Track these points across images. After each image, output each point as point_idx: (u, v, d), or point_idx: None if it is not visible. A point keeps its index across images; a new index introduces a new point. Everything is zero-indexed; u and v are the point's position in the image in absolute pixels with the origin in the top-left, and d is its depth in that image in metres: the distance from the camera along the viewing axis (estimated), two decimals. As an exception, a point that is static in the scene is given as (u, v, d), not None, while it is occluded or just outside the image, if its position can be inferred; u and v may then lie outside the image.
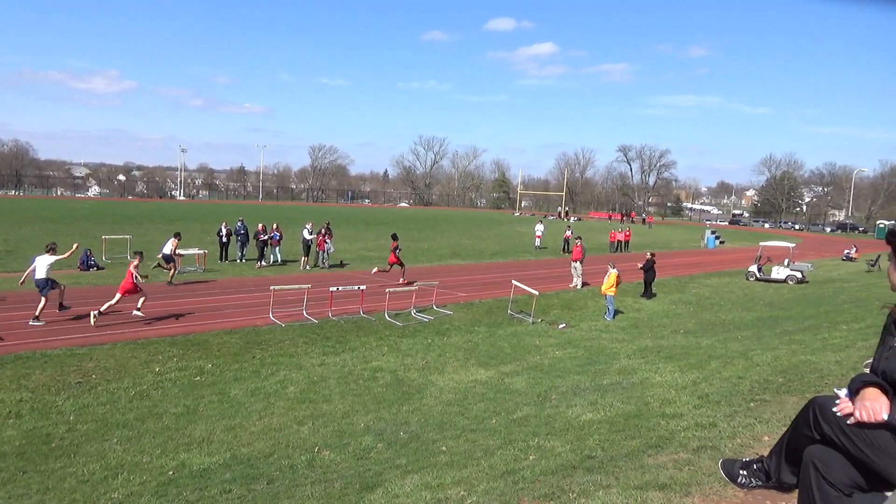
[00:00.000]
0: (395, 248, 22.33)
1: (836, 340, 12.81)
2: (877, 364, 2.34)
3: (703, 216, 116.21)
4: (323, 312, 16.36)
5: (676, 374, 10.72)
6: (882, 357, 2.31)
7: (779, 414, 6.85)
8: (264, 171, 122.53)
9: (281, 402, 10.52)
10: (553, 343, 15.17)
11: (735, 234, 69.75)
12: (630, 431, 7.10)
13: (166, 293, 18.68)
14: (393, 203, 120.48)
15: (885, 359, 2.28)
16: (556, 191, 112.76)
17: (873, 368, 2.36)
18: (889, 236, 2.31)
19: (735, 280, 28.38)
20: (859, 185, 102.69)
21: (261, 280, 21.64)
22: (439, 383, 11.72)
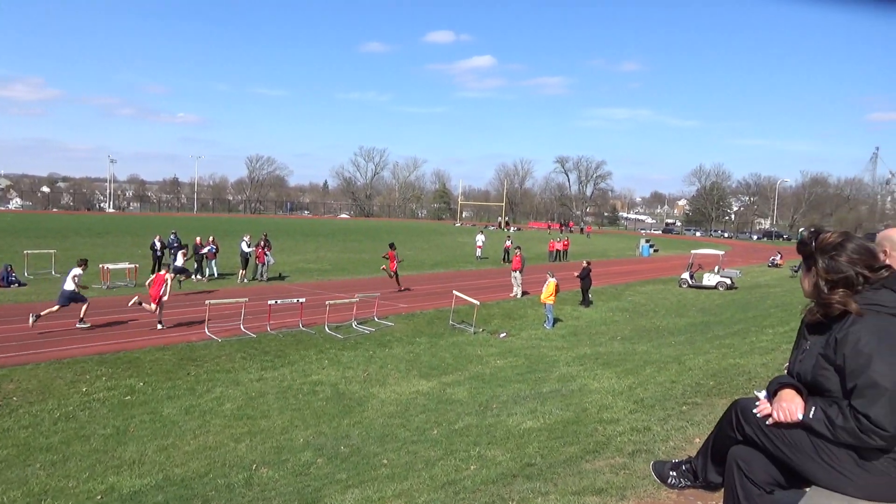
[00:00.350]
0: (393, 256, 23.90)
1: (762, 344, 13.35)
2: (792, 366, 2.45)
3: (638, 225, 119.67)
4: (261, 326, 16.02)
5: (613, 380, 10.95)
6: (796, 360, 2.43)
7: (709, 416, 7.08)
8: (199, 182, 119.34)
9: (217, 419, 10.23)
10: (494, 352, 15.29)
11: (668, 242, 72.04)
12: (568, 438, 7.21)
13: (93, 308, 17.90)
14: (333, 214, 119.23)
15: (800, 361, 2.39)
16: (496, 201, 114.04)
17: (789, 371, 2.47)
18: (799, 246, 2.43)
19: (669, 287, 29.28)
20: (783, 194, 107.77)
21: (196, 294, 21.03)
22: (381, 395, 11.64)
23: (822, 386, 2.27)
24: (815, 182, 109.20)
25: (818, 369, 2.27)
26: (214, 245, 25.53)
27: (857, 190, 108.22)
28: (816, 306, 2.34)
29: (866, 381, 2.10)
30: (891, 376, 2.08)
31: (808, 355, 2.35)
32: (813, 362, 2.30)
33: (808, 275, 2.37)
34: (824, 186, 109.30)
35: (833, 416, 2.16)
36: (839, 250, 2.28)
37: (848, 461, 2.19)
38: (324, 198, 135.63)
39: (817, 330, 2.35)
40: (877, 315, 2.20)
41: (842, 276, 2.26)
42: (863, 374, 2.11)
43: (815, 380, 2.29)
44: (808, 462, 2.24)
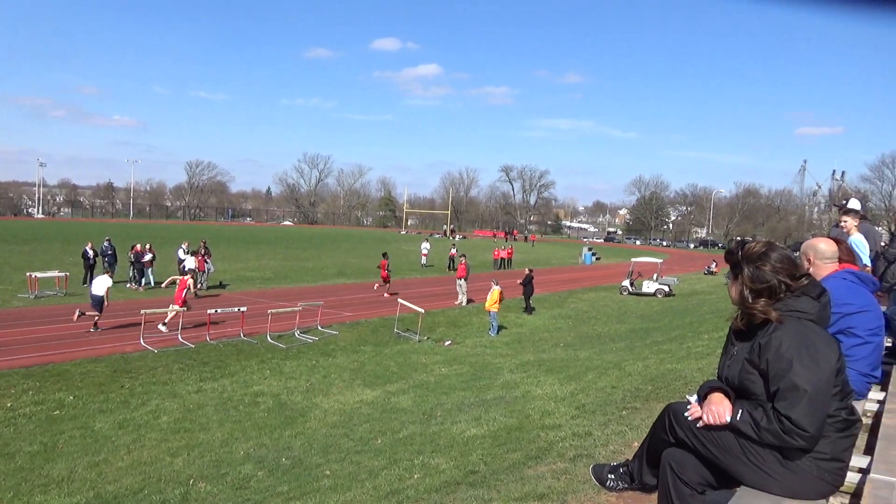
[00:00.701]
0: (385, 265, 25.58)
1: (698, 349, 13.78)
2: (721, 371, 2.55)
3: (581, 234, 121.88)
4: (200, 336, 15.60)
5: (556, 387, 11.11)
6: (725, 365, 2.52)
7: (647, 420, 7.26)
8: (136, 187, 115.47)
9: (152, 433, 9.89)
10: (439, 360, 15.30)
11: (610, 250, 73.67)
12: (512, 444, 7.27)
13: (19, 319, 17.09)
14: (276, 221, 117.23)
15: (728, 366, 2.49)
16: (441, 209, 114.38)
17: (718, 375, 2.57)
18: (727, 255, 2.53)
19: (610, 294, 29.93)
20: (718, 204, 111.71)
21: (131, 303, 20.31)
22: (324, 405, 11.49)
23: (748, 389, 2.36)
24: (747, 193, 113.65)
25: (744, 374, 2.37)
26: (151, 253, 24.72)
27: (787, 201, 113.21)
28: (741, 314, 2.44)
29: (787, 385, 2.20)
30: (810, 379, 2.18)
31: (735, 360, 2.45)
32: (739, 367, 2.40)
33: (735, 283, 2.47)
34: (756, 197, 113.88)
35: (758, 418, 2.25)
36: (763, 260, 2.39)
37: (773, 461, 2.28)
38: (266, 205, 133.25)
39: (743, 336, 2.45)
40: (797, 321, 2.31)
41: (765, 286, 2.36)
42: (784, 377, 2.22)
43: (741, 384, 2.39)
44: (737, 463, 2.33)
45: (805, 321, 2.31)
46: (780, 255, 2.41)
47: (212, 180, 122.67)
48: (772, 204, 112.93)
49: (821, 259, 3.58)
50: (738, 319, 2.45)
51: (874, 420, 4.02)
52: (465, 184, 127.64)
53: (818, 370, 2.21)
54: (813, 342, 2.26)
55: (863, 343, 3.41)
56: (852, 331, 3.38)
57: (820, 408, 2.20)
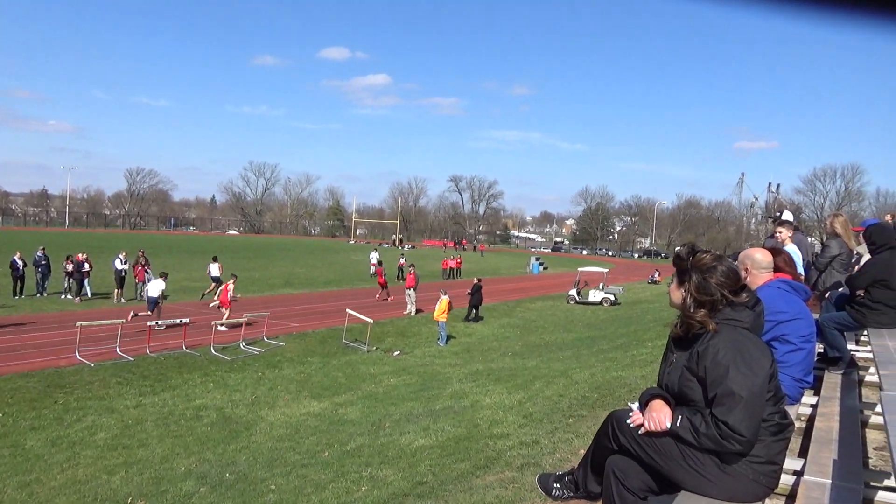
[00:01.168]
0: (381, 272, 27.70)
1: (642, 356, 14.08)
2: (661, 378, 2.61)
3: (529, 244, 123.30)
4: (140, 349, 15.08)
5: (504, 396, 11.17)
6: (665, 372, 2.59)
7: (593, 428, 7.36)
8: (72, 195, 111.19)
9: (88, 450, 9.51)
10: (388, 371, 15.20)
11: (557, 260, 74.72)
12: (460, 454, 7.27)
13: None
14: (221, 231, 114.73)
15: (668, 373, 2.56)
16: (390, 219, 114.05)
17: (659, 382, 2.63)
18: (676, 260, 2.60)
19: (557, 304, 30.34)
20: (661, 215, 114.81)
21: (65, 316, 19.51)
22: (270, 418, 11.26)
23: (687, 396, 2.43)
24: (689, 204, 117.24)
25: (683, 381, 2.44)
26: (88, 263, 23.80)
27: (726, 212, 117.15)
28: (680, 321, 2.50)
29: (724, 391, 2.27)
30: (745, 385, 2.26)
31: (674, 368, 2.51)
32: (679, 374, 2.46)
33: (680, 288, 2.52)
34: (697, 208, 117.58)
35: (697, 424, 2.31)
36: (711, 272, 2.46)
37: (711, 466, 2.35)
38: (211, 213, 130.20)
39: (682, 344, 2.52)
40: (733, 329, 2.39)
41: (709, 298, 2.43)
42: (721, 384, 2.29)
43: (681, 390, 2.45)
44: (677, 468, 2.39)
45: (740, 329, 2.40)
46: (727, 269, 2.48)
47: (153, 188, 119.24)
48: (712, 215, 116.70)
49: (757, 268, 3.72)
50: (678, 326, 2.51)
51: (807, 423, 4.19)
52: (414, 194, 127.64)
53: (753, 376, 2.29)
54: (748, 349, 2.34)
55: (796, 349, 3.54)
56: (786, 338, 3.51)
57: (755, 413, 2.27)
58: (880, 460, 3.74)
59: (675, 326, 2.53)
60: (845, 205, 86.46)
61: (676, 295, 2.54)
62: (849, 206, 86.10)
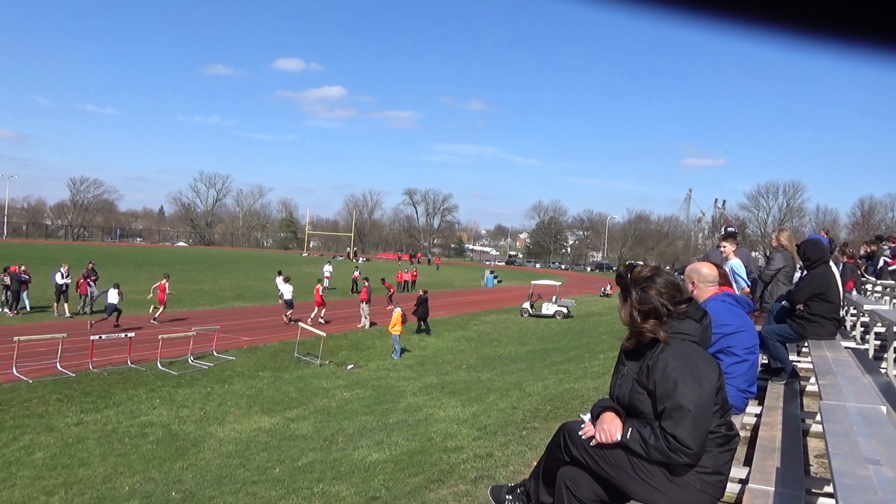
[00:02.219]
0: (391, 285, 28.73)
1: (595, 368, 14.28)
2: (613, 390, 2.66)
3: (483, 257, 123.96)
4: (82, 364, 14.54)
5: (458, 409, 11.17)
6: (616, 384, 2.64)
7: (546, 440, 7.39)
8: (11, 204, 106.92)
9: (25, 470, 9.11)
10: (341, 384, 15.03)
11: (511, 273, 75.34)
12: (414, 468, 7.22)
13: None
14: (170, 242, 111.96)
15: (619, 385, 2.60)
16: (344, 231, 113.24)
17: (610, 394, 2.67)
18: (617, 279, 2.66)
19: (511, 316, 30.55)
20: (612, 229, 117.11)
21: (1, 330, 18.68)
22: (219, 434, 10.99)
23: (637, 409, 2.47)
24: (639, 219, 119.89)
25: (634, 393, 2.48)
26: (26, 275, 22.87)
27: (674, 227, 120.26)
28: (630, 334, 2.55)
29: (673, 404, 2.33)
30: (693, 399, 2.32)
31: (625, 380, 2.56)
32: (629, 387, 2.51)
33: (625, 305, 2.59)
34: (647, 223, 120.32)
35: (646, 436, 2.36)
36: (649, 283, 2.52)
37: (660, 477, 2.39)
38: (159, 224, 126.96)
39: (633, 356, 2.57)
40: (681, 343, 2.45)
41: (651, 307, 2.49)
42: (670, 397, 2.34)
43: (631, 403, 2.50)
44: (627, 479, 2.42)
45: (688, 342, 2.46)
46: (665, 280, 2.55)
47: (98, 198, 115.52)
48: (661, 229, 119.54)
49: (703, 282, 3.82)
50: (628, 339, 2.56)
51: (752, 433, 4.31)
52: (368, 206, 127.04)
53: (701, 390, 2.35)
54: (696, 363, 2.40)
55: (740, 361, 3.65)
56: (731, 349, 3.61)
57: (702, 426, 2.33)
58: (821, 467, 3.87)
59: (626, 339, 2.58)
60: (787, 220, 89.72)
61: (623, 312, 2.60)
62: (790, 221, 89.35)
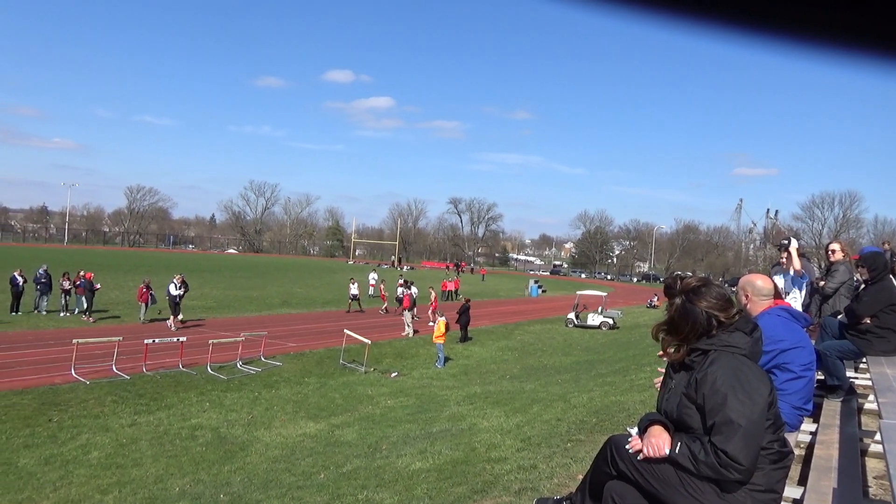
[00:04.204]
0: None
1: (641, 381, 14.02)
2: (660, 403, 2.61)
3: (528, 267, 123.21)
4: (136, 367, 15.00)
5: (502, 419, 11.10)
6: (664, 398, 2.59)
7: (592, 453, 7.31)
8: (72, 212, 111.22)
9: (82, 469, 9.42)
10: (385, 392, 15.12)
11: (555, 283, 74.68)
12: (457, 478, 7.20)
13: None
14: (220, 249, 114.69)
15: (666, 399, 2.56)
16: (389, 240, 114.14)
17: (658, 407, 2.63)
18: (666, 290, 2.62)
19: (556, 327, 30.26)
20: (659, 240, 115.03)
21: (62, 332, 19.42)
22: (266, 439, 11.18)
23: (686, 423, 2.42)
24: (687, 229, 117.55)
25: (682, 407, 2.44)
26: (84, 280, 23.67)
27: (725, 237, 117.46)
28: (678, 346, 2.50)
29: (723, 419, 2.27)
30: (744, 414, 2.26)
31: (673, 394, 2.51)
32: (677, 400, 2.46)
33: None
34: (696, 233, 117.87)
35: (696, 451, 2.31)
36: (699, 295, 2.47)
37: (710, 493, 2.34)
38: (210, 232, 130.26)
39: (681, 369, 2.52)
40: (731, 356, 2.39)
41: (701, 320, 2.44)
42: (720, 412, 2.29)
43: (679, 417, 2.45)
44: (676, 495, 2.38)
45: (738, 356, 2.40)
46: (715, 292, 2.50)
47: (153, 206, 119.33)
48: (710, 240, 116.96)
49: (757, 295, 3.71)
50: (676, 352, 2.52)
51: (807, 451, 4.17)
52: (413, 215, 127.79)
53: (752, 404, 2.28)
54: (746, 377, 2.34)
55: (796, 378, 3.54)
56: (786, 366, 3.50)
57: (754, 441, 2.27)
58: (880, 489, 3.72)
59: (673, 351, 2.54)
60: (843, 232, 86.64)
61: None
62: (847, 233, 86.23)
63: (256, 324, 23.38)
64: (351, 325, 21.97)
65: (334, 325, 24.31)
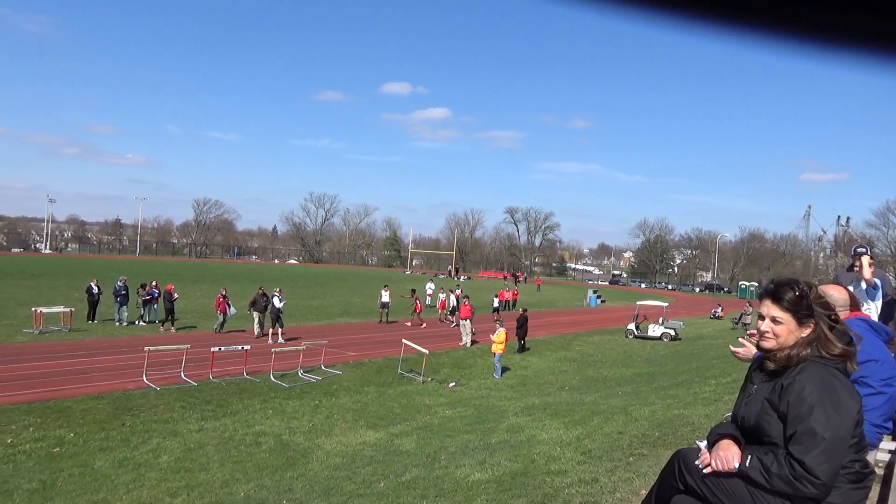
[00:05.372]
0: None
1: (705, 394, 13.61)
2: (737, 409, 2.51)
3: (586, 276, 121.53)
4: (203, 374, 15.51)
5: (562, 431, 10.96)
6: (742, 403, 2.49)
7: (655, 467, 7.14)
8: (143, 224, 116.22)
9: (152, 472, 9.77)
10: (443, 402, 15.15)
11: (614, 293, 73.39)
12: (517, 490, 7.14)
13: (23, 354, 17.06)
14: (282, 260, 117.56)
15: (745, 404, 2.45)
16: (446, 250, 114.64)
17: (734, 413, 2.53)
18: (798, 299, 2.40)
19: (615, 338, 29.72)
20: (722, 249, 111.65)
21: (135, 340, 20.26)
22: (326, 446, 11.34)
23: (764, 430, 2.31)
24: (752, 237, 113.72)
25: (763, 413, 2.33)
26: (157, 290, 24.64)
27: (792, 246, 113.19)
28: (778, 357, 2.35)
29: (806, 429, 2.16)
30: (829, 427, 2.14)
31: (753, 399, 2.41)
32: (758, 407, 2.35)
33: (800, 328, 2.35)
34: (761, 242, 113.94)
35: (769, 463, 2.21)
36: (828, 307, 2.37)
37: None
38: (272, 243, 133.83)
39: (766, 375, 2.40)
40: (823, 367, 2.27)
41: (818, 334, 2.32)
42: (803, 421, 2.18)
43: (758, 423, 2.34)
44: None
45: (831, 368, 2.28)
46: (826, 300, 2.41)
47: (218, 218, 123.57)
48: (777, 249, 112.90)
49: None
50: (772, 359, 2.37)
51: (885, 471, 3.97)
52: (469, 225, 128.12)
53: (839, 419, 2.17)
54: (836, 390, 2.22)
55: (875, 393, 3.37)
56: (865, 380, 3.34)
57: (835, 457, 2.16)
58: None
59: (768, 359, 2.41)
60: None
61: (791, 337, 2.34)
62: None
63: (316, 333, 23.81)
64: (408, 334, 22.11)
65: (391, 334, 24.55)
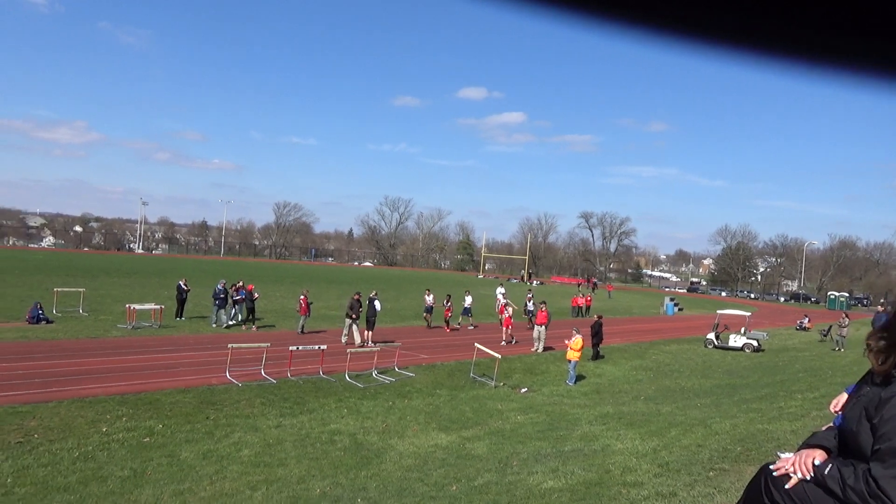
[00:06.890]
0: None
1: (791, 409, 12.99)
2: (846, 409, 2.37)
3: (663, 283, 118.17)
4: (282, 372, 16.01)
5: (637, 442, 10.70)
6: (851, 405, 2.35)
7: (737, 483, 6.87)
8: (227, 226, 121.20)
9: (234, 465, 10.15)
10: (515, 407, 15.06)
11: (693, 301, 71.06)
12: (591, 500, 7.03)
13: (118, 348, 18.09)
14: (357, 262, 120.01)
15: (852, 406, 2.31)
16: (519, 254, 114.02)
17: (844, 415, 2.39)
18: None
19: (694, 347, 28.76)
20: (810, 257, 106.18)
21: (218, 337, 21.14)
22: (399, 447, 11.48)
23: (857, 438, 2.20)
24: (843, 245, 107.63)
25: (861, 420, 2.20)
26: (244, 290, 25.59)
27: (887, 254, 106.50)
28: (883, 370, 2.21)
29: (889, 447, 2.03)
30: None
31: (857, 404, 2.27)
32: (859, 412, 2.23)
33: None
34: (853, 250, 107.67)
35: (846, 475, 2.08)
36: None
37: None
38: (348, 245, 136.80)
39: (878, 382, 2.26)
40: None
41: None
42: (890, 439, 2.04)
43: (857, 429, 2.22)
44: None
45: None
46: None
47: (297, 221, 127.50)
48: (870, 257, 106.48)
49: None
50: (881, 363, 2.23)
51: None
52: (543, 230, 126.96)
53: None
54: None
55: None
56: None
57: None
58: None
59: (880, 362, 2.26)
60: None
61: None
62: None
63: (390, 335, 24.16)
64: (481, 338, 22.11)
65: (463, 338, 24.61)
